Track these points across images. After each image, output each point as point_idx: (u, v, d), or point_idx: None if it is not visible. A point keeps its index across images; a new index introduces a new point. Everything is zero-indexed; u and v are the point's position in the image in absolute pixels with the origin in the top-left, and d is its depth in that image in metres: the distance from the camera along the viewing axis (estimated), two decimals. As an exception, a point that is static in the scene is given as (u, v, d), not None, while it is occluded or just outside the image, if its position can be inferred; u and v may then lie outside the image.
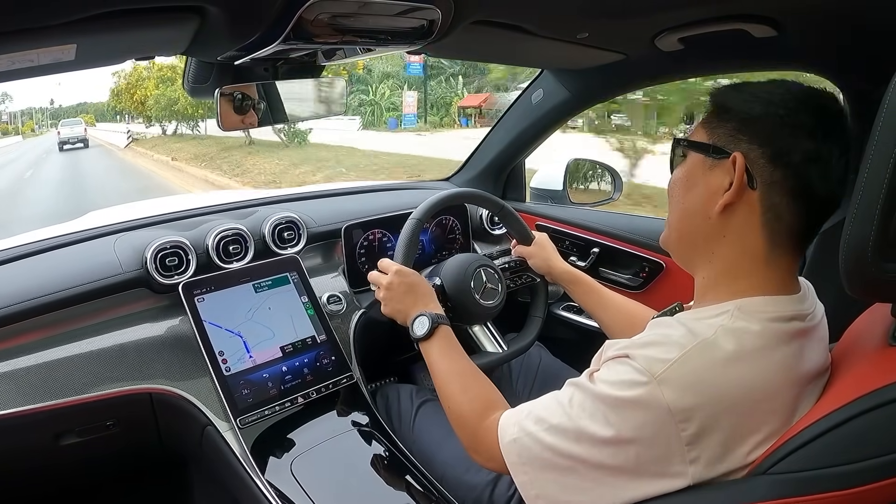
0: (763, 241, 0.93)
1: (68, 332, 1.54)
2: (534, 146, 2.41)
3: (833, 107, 0.93)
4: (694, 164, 1.00)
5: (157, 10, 0.97)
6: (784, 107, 0.91)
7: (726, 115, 0.97)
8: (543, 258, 1.77)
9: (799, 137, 0.89)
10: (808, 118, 0.90)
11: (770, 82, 0.96)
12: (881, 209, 0.74)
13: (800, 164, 0.89)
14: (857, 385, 0.83)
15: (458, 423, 1.21)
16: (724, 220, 0.95)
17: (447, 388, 1.27)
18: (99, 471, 1.78)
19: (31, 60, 1.04)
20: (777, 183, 0.91)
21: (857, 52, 1.41)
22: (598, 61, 1.83)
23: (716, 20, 1.37)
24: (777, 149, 0.90)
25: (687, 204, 1.01)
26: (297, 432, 1.58)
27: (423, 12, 1.16)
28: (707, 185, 0.97)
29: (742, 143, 0.93)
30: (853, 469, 0.75)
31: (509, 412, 1.07)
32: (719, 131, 0.97)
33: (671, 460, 0.86)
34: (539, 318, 1.81)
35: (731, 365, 0.86)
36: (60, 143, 34.70)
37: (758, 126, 0.92)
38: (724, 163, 0.94)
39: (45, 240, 1.78)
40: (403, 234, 1.58)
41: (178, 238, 1.68)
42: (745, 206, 0.93)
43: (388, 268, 1.50)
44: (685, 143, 1.02)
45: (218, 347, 1.59)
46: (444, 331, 1.37)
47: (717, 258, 0.98)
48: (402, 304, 1.45)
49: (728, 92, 0.98)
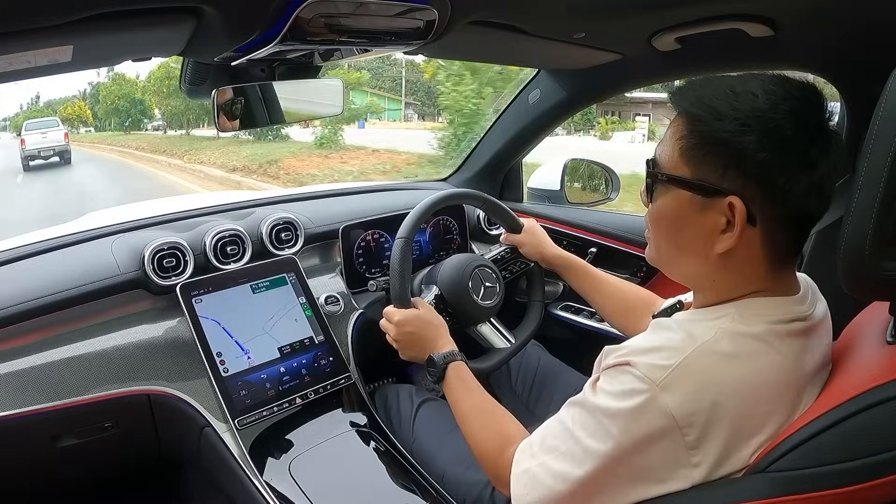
0: (764, 264, 0.91)
1: (66, 334, 1.54)
2: (531, 146, 2.41)
3: (823, 118, 0.87)
4: (681, 203, 0.94)
5: (154, 10, 0.97)
6: (780, 137, 0.84)
7: (713, 148, 0.88)
8: (535, 245, 1.78)
9: (797, 171, 0.85)
10: (805, 143, 0.85)
11: (751, 95, 0.86)
12: (878, 207, 0.74)
13: (799, 196, 0.86)
14: (855, 383, 0.84)
15: (481, 459, 1.22)
16: (725, 257, 0.91)
17: (465, 426, 1.28)
18: (97, 472, 1.78)
19: (29, 62, 1.04)
20: (777, 217, 0.88)
21: (853, 50, 1.41)
22: (595, 61, 1.83)
23: (712, 19, 1.37)
24: (775, 187, 0.85)
25: (682, 242, 0.97)
26: (296, 433, 1.58)
27: (419, 13, 1.17)
28: (701, 227, 0.92)
29: (736, 182, 0.87)
30: (851, 467, 0.75)
31: (524, 444, 1.06)
32: (706, 167, 0.89)
33: (675, 466, 0.87)
34: (539, 302, 1.82)
35: (731, 367, 0.86)
36: (26, 157, 21.63)
37: (752, 163, 0.85)
38: (717, 202, 0.89)
39: (42, 241, 1.78)
40: (393, 259, 1.57)
41: (176, 239, 1.68)
42: (745, 241, 0.89)
43: (391, 318, 1.52)
44: (664, 178, 0.95)
45: (216, 349, 1.59)
46: (455, 369, 1.37)
47: (718, 284, 0.95)
48: (412, 351, 1.49)
49: (707, 118, 0.89)
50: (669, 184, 0.95)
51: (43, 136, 22.38)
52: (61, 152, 22.31)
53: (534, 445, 1.03)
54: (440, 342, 1.45)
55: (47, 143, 22.12)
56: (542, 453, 0.99)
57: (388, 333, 1.53)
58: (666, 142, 0.95)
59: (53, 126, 24.13)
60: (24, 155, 21.66)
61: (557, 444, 0.97)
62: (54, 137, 22.50)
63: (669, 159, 0.94)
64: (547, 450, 0.99)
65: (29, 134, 22.47)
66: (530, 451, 1.03)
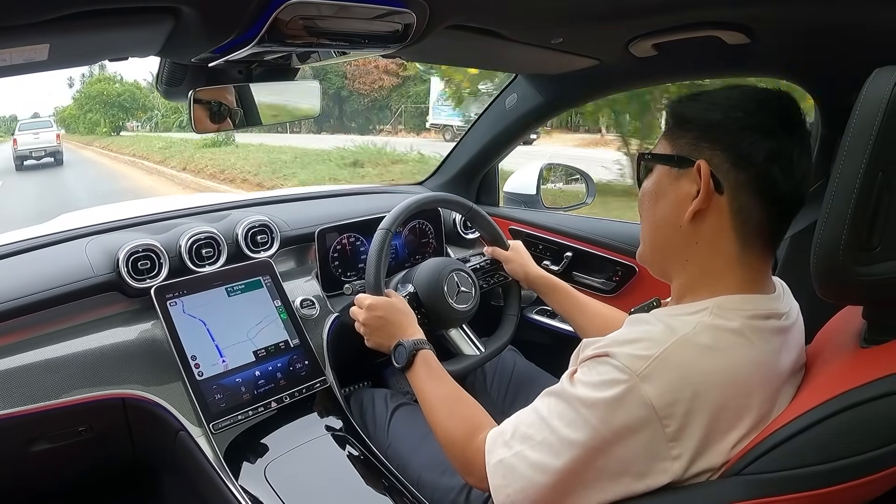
0: (734, 242, 0.95)
1: (39, 337, 1.52)
2: (507, 151, 2.42)
3: (790, 106, 0.95)
4: (660, 177, 1.02)
5: (131, 10, 0.96)
6: (742, 110, 0.93)
7: (687, 125, 0.98)
8: (520, 264, 1.79)
9: (759, 138, 0.91)
10: (767, 118, 0.92)
11: (726, 88, 0.98)
12: (852, 213, 0.76)
13: (763, 162, 0.91)
14: (829, 386, 0.85)
15: (448, 447, 1.22)
16: (695, 227, 0.96)
17: (433, 415, 1.28)
18: (71, 477, 1.76)
19: (4, 60, 1.03)
20: (743, 185, 0.93)
21: (828, 59, 1.44)
22: (572, 67, 1.84)
23: (689, 27, 1.38)
24: (739, 151, 0.92)
25: (657, 216, 1.03)
26: (271, 437, 1.57)
27: (398, 16, 1.17)
28: (675, 195, 0.98)
29: (705, 151, 0.95)
30: (826, 469, 0.76)
31: (494, 432, 1.07)
32: (681, 142, 0.98)
33: (655, 458, 0.87)
34: (514, 317, 1.83)
35: (710, 360, 0.88)
36: (18, 157, 22.94)
37: (718, 131, 0.94)
38: (689, 172, 0.96)
39: (15, 242, 1.76)
40: (372, 248, 1.59)
41: (151, 241, 1.66)
42: (714, 210, 0.95)
43: (361, 303, 1.53)
44: (649, 157, 1.04)
45: (191, 352, 1.57)
46: (424, 356, 1.38)
47: (691, 264, 0.99)
48: (379, 338, 1.49)
49: (686, 103, 1.00)
50: (652, 162, 1.04)
51: (35, 136, 23.31)
52: (53, 153, 23.29)
53: (506, 433, 1.03)
54: (409, 330, 1.46)
55: (39, 144, 23.05)
56: (516, 443, 1.00)
57: (357, 319, 1.53)
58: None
59: (46, 126, 25.11)
60: (17, 155, 22.92)
61: (532, 433, 0.97)
62: (46, 138, 23.35)
63: (656, 146, 1.04)
64: (521, 439, 0.99)
65: (21, 134, 23.61)
66: (502, 440, 1.03)
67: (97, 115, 39.94)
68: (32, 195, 14.83)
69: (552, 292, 1.70)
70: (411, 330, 1.46)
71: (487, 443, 1.06)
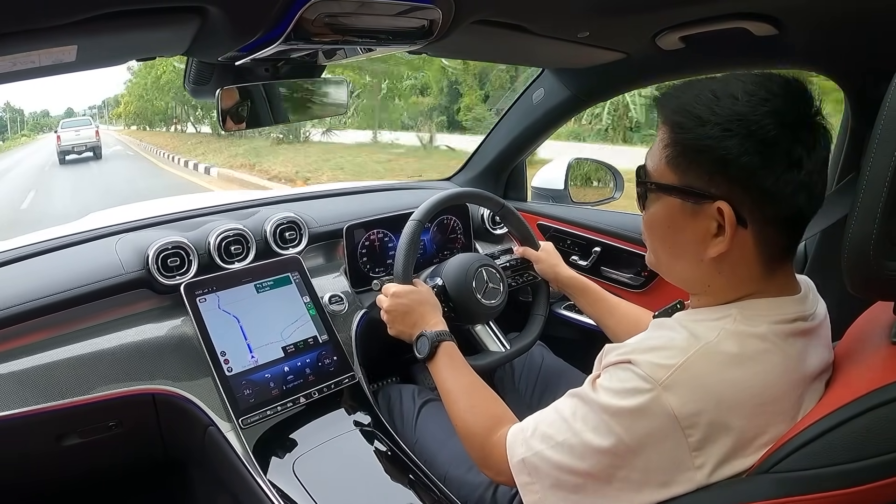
0: (759, 265, 0.91)
1: (70, 334, 1.54)
2: (535, 145, 2.41)
3: (809, 113, 0.87)
4: (673, 209, 0.94)
5: (158, 10, 0.97)
6: (762, 138, 0.84)
7: (697, 156, 0.88)
8: (551, 265, 1.77)
9: (783, 171, 0.84)
10: (789, 143, 0.84)
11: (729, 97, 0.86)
12: (883, 207, 0.74)
13: (789, 197, 0.85)
14: (859, 383, 0.83)
15: (467, 439, 1.22)
16: (718, 261, 0.91)
17: (453, 406, 1.28)
18: (101, 472, 1.78)
19: (33, 62, 1.04)
20: (770, 219, 0.87)
21: (857, 50, 1.41)
22: (599, 60, 1.82)
23: (716, 18, 1.37)
24: (763, 189, 0.85)
25: (675, 249, 0.97)
26: (299, 432, 1.58)
27: (423, 12, 1.17)
28: (693, 232, 0.92)
29: (722, 186, 0.87)
30: (855, 468, 0.75)
31: (515, 428, 1.06)
32: (692, 174, 0.90)
33: (678, 468, 0.86)
34: (541, 317, 1.81)
35: (735, 368, 0.86)
36: (62, 152, 25.09)
37: (736, 167, 0.85)
38: (705, 207, 0.89)
39: (46, 241, 1.78)
40: (403, 238, 1.59)
41: (180, 238, 1.68)
42: (738, 243, 0.89)
43: (387, 291, 1.53)
44: (653, 187, 0.96)
45: (220, 348, 1.59)
46: (446, 348, 1.38)
47: (715, 288, 0.95)
48: (403, 326, 1.49)
49: (689, 125, 0.89)
50: (659, 191, 0.95)
51: (76, 133, 26.16)
52: (93, 148, 25.63)
53: (526, 431, 1.02)
54: (433, 321, 1.46)
55: (80, 140, 25.60)
56: (536, 441, 0.99)
57: (381, 306, 1.53)
58: (654, 150, 0.96)
59: (86, 124, 28.37)
60: (60, 150, 25.43)
61: (553, 433, 0.97)
62: (86, 134, 26.02)
63: (657, 168, 0.95)
64: (541, 438, 0.98)
65: (64, 131, 26.36)
66: (522, 437, 1.02)
67: (161, 101, 35.04)
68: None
69: (582, 294, 1.68)
70: (434, 321, 1.46)
71: (508, 439, 1.05)
